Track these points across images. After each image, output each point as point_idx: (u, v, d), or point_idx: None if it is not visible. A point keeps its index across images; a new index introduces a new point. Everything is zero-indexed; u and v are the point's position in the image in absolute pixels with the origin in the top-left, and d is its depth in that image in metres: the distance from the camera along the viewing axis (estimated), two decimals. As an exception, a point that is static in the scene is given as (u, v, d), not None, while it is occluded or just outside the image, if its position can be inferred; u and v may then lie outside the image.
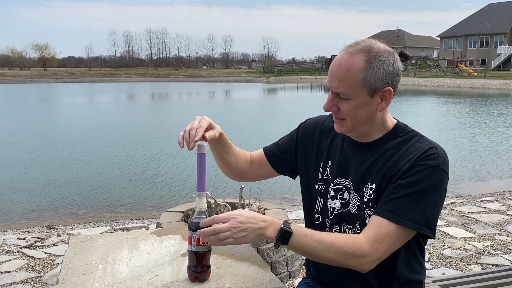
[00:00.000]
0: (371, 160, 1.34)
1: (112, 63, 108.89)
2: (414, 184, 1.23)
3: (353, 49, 1.28)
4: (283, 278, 3.23)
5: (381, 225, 1.23)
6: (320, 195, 1.45)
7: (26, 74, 70.59)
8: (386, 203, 1.25)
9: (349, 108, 1.29)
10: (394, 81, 1.29)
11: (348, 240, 1.22)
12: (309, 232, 1.22)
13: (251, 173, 1.61)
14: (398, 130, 1.36)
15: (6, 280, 3.38)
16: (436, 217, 1.27)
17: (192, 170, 8.07)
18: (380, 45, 1.30)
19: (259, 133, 13.25)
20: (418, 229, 1.23)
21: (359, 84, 1.26)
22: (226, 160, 1.54)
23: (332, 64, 1.30)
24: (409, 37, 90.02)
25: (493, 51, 59.49)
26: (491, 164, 8.76)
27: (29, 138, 12.22)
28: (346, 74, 1.26)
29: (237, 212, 1.20)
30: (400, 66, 1.31)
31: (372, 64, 1.25)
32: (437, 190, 1.25)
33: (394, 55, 1.30)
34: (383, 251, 1.23)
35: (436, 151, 1.27)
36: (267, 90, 42.37)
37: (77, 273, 1.31)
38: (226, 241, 1.17)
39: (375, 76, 1.26)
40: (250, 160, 1.61)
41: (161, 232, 1.68)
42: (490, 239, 4.20)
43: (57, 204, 6.16)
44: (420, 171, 1.24)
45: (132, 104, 27.31)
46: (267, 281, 1.29)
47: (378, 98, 1.29)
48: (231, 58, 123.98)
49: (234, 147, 1.55)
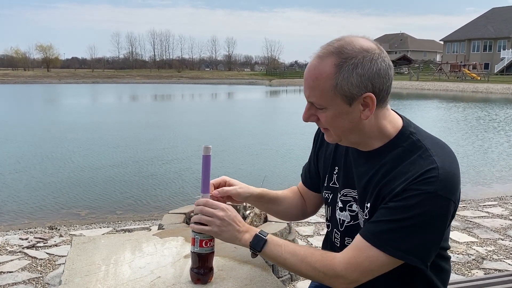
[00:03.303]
0: (371, 173, 1.20)
1: (115, 64, 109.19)
2: (404, 210, 1.08)
3: (324, 52, 1.12)
4: (285, 281, 3.23)
5: (361, 248, 1.13)
6: (328, 204, 1.38)
7: (29, 74, 70.83)
8: (372, 224, 1.14)
9: (326, 118, 1.16)
10: (376, 85, 1.10)
11: (321, 258, 1.18)
12: (284, 243, 1.22)
13: (310, 208, 1.54)
14: (402, 137, 1.18)
15: (8, 280, 3.39)
16: (429, 246, 1.12)
17: (194, 172, 8.08)
18: (356, 44, 1.10)
19: (260, 132, 13.25)
20: (403, 258, 1.11)
21: (330, 93, 1.11)
22: (276, 211, 1.54)
23: (306, 68, 1.17)
24: (412, 40, 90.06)
25: (496, 56, 59.41)
26: (493, 169, 8.74)
27: (32, 138, 12.25)
28: (315, 82, 1.12)
29: (231, 208, 1.24)
30: (385, 65, 1.11)
31: (342, 68, 1.09)
32: (432, 218, 1.09)
33: (373, 54, 1.10)
34: (360, 275, 1.14)
35: (436, 173, 1.08)
36: (270, 92, 42.39)
37: (80, 274, 1.31)
38: (205, 228, 1.21)
39: (347, 82, 1.09)
40: (302, 197, 1.55)
41: (164, 233, 1.68)
42: (493, 244, 4.18)
43: (59, 205, 6.17)
44: (413, 196, 1.08)
45: (135, 105, 27.37)
46: (269, 283, 1.29)
47: (359, 105, 1.12)
48: (234, 61, 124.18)
49: (280, 198, 1.50)
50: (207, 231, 1.22)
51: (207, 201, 1.25)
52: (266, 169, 8.22)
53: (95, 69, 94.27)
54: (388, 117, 1.20)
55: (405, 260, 1.11)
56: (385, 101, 1.16)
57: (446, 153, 1.16)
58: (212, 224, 1.21)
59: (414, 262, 1.11)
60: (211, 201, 1.25)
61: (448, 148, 1.19)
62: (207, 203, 1.24)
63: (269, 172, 7.83)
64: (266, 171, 7.56)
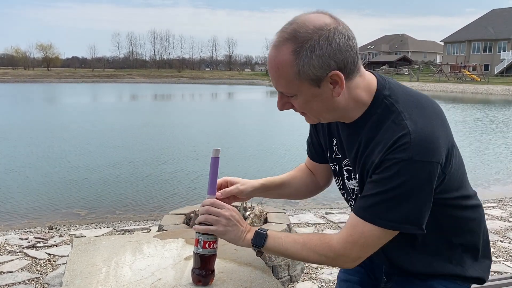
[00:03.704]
0: (354, 146, 1.20)
1: (115, 64, 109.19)
2: (386, 182, 1.08)
3: (279, 40, 1.08)
4: (284, 282, 3.23)
5: (355, 225, 1.15)
6: (336, 175, 1.38)
7: (29, 74, 70.83)
8: (362, 199, 1.15)
9: (299, 104, 1.15)
10: (339, 61, 1.07)
11: (319, 242, 1.20)
12: (283, 235, 1.25)
13: (322, 181, 1.52)
14: (376, 103, 1.15)
15: (8, 280, 3.39)
16: (420, 210, 1.11)
17: (195, 173, 8.08)
18: (309, 25, 1.06)
19: (261, 132, 13.24)
20: (397, 228, 1.11)
21: (295, 80, 1.09)
22: (287, 195, 1.54)
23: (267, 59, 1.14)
24: (413, 41, 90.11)
25: (496, 57, 59.45)
26: (492, 170, 8.74)
27: (32, 137, 12.25)
28: (278, 72, 1.10)
29: (236, 209, 1.27)
30: (344, 38, 1.06)
31: (300, 54, 1.06)
32: (415, 184, 1.07)
33: (328, 31, 1.05)
34: (359, 251, 1.16)
35: (409, 139, 1.06)
36: (270, 92, 42.39)
37: (81, 276, 1.32)
38: (211, 228, 1.23)
39: (309, 67, 1.06)
40: (311, 173, 1.53)
41: (164, 235, 1.69)
42: (492, 246, 4.18)
43: (59, 205, 6.17)
44: (390, 166, 1.07)
45: (135, 105, 27.36)
46: (269, 286, 1.30)
47: (327, 85, 1.09)
48: (234, 61, 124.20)
49: (286, 181, 1.51)
50: (213, 230, 1.23)
51: (214, 201, 1.26)
52: (267, 169, 8.22)
53: (95, 69, 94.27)
54: (362, 84, 1.15)
55: (400, 229, 1.11)
56: (354, 71, 1.11)
57: (420, 112, 1.12)
58: (218, 224, 1.22)
59: (409, 229, 1.11)
60: (218, 202, 1.26)
61: (424, 104, 1.15)
62: (213, 204, 1.25)
63: (270, 172, 7.82)
64: (266, 172, 7.57)
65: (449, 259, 1.27)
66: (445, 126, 1.15)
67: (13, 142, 11.46)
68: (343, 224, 4.83)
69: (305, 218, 5.12)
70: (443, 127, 1.14)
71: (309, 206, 6.09)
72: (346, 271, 1.53)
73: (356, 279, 1.48)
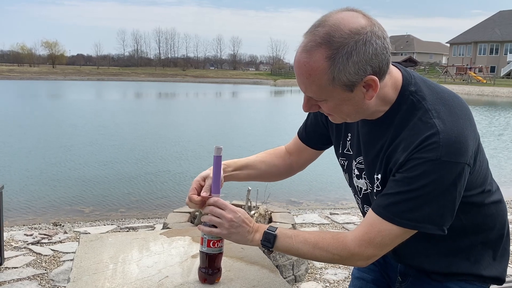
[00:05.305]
0: (376, 144, 1.17)
1: (120, 62, 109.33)
2: (410, 181, 1.05)
3: (311, 44, 1.02)
4: (289, 282, 3.23)
5: (372, 223, 1.12)
6: (344, 170, 1.36)
7: (35, 71, 71.17)
8: (382, 198, 1.12)
9: (329, 107, 1.11)
10: (375, 65, 1.03)
11: (333, 241, 1.17)
12: (294, 234, 1.21)
13: (296, 164, 1.52)
14: (401, 100, 1.12)
15: (13, 276, 3.41)
16: (442, 212, 1.07)
17: (199, 172, 8.08)
18: (344, 28, 1.00)
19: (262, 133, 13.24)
20: (416, 227, 1.08)
21: (328, 87, 1.04)
22: (256, 176, 1.52)
23: (294, 63, 1.08)
24: (418, 42, 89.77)
25: (503, 59, 59.14)
26: (496, 173, 8.70)
27: (37, 134, 12.30)
28: (309, 79, 1.04)
29: (240, 209, 1.24)
30: (380, 42, 1.02)
31: (336, 60, 1.00)
32: (441, 186, 1.04)
33: (365, 36, 1.00)
34: (375, 250, 1.13)
35: (438, 139, 1.03)
36: (274, 92, 42.37)
37: (88, 272, 1.32)
38: (214, 230, 1.21)
39: (344, 73, 1.02)
40: (287, 155, 1.53)
41: (171, 233, 1.68)
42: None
43: (64, 201, 6.20)
44: (417, 166, 1.04)
45: (140, 103, 27.42)
46: (277, 285, 1.29)
47: (361, 88, 1.06)
48: (239, 60, 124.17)
49: (255, 163, 1.49)
50: (217, 233, 1.22)
51: (217, 201, 1.24)
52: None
53: (100, 66, 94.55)
54: (389, 82, 1.11)
55: (419, 229, 1.08)
56: (386, 72, 1.07)
57: (448, 111, 1.08)
58: (221, 226, 1.21)
59: (429, 229, 1.08)
60: (220, 201, 1.24)
61: (451, 101, 1.11)
62: (216, 203, 1.23)
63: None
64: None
65: (467, 258, 1.24)
66: (472, 125, 1.12)
67: (17, 138, 11.52)
68: (347, 225, 4.84)
69: (309, 218, 5.11)
70: (470, 125, 1.10)
71: (313, 207, 6.08)
72: (360, 268, 1.51)
73: (370, 278, 1.47)
